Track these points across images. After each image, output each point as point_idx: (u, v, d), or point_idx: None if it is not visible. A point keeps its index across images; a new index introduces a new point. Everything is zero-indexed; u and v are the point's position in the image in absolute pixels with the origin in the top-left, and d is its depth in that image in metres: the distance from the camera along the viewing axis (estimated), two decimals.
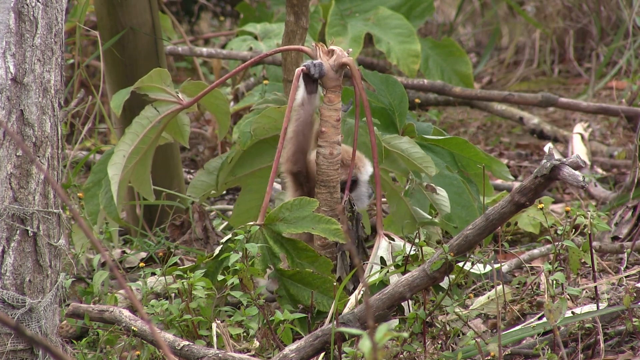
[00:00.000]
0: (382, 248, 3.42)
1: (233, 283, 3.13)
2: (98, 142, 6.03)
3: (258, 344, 3.11)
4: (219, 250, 3.32)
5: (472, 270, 3.09)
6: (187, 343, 2.90)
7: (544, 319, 3.10)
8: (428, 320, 3.05)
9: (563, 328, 3.06)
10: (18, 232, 2.68)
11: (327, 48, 3.46)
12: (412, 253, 3.22)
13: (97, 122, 6.27)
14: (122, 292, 3.61)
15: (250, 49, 5.86)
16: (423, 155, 3.68)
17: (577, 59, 7.82)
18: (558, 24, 7.83)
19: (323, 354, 2.88)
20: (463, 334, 3.16)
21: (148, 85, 3.72)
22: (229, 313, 3.30)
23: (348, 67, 3.44)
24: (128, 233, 4.63)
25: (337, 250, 3.46)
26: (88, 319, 3.15)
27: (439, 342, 3.06)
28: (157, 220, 4.63)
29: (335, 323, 2.83)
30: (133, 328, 3.02)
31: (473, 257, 3.03)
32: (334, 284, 3.22)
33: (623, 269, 3.76)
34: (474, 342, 2.85)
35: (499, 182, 5.20)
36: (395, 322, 3.14)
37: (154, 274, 3.60)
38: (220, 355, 2.84)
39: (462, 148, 3.97)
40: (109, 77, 4.55)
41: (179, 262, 3.98)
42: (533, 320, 3.19)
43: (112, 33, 4.46)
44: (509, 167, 5.83)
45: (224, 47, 6.44)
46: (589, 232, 3.16)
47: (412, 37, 5.98)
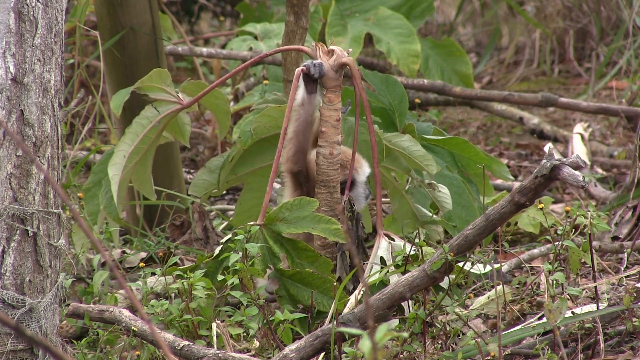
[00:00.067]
0: (382, 248, 3.42)
1: (233, 283, 3.13)
2: (98, 142, 6.02)
3: (258, 344, 3.11)
4: (219, 250, 3.32)
5: (472, 270, 3.09)
6: (187, 343, 2.90)
7: (544, 319, 3.10)
8: (428, 320, 3.05)
9: (563, 328, 3.06)
10: (18, 232, 2.68)
11: (327, 48, 3.46)
12: (412, 253, 3.22)
13: (97, 122, 6.27)
14: (122, 292, 3.61)
15: (250, 49, 5.86)
16: (424, 154, 3.68)
17: (577, 59, 7.82)
18: (558, 24, 7.83)
19: (323, 354, 2.88)
20: (463, 334, 3.15)
21: (148, 86, 3.72)
22: (229, 313, 3.30)
23: (348, 67, 3.44)
24: (128, 233, 4.63)
25: (337, 250, 3.46)
26: (88, 319, 3.15)
27: (439, 342, 3.06)
28: (157, 220, 4.63)
29: (335, 323, 2.83)
30: (133, 328, 3.02)
31: (473, 257, 3.02)
32: (334, 284, 3.22)
33: (623, 269, 3.75)
34: (474, 342, 2.85)
35: (499, 182, 5.20)
36: (395, 322, 3.14)
37: (154, 274, 3.60)
38: (220, 355, 2.84)
39: (462, 148, 3.97)
40: (109, 77, 4.54)
41: (179, 262, 3.98)
42: (533, 320, 3.19)
43: (112, 33, 4.46)
44: (509, 167, 5.83)
45: (224, 47, 6.44)
46: (589, 232, 3.16)
47: (412, 37, 5.98)
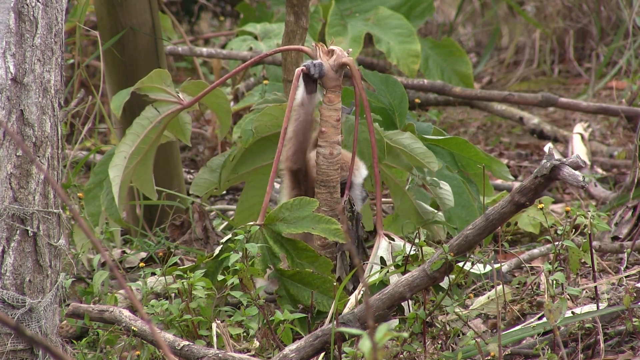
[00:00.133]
0: (382, 248, 3.42)
1: (233, 283, 3.13)
2: (98, 142, 6.02)
3: (258, 344, 3.11)
4: (219, 250, 3.32)
5: (472, 270, 3.09)
6: (187, 343, 2.90)
7: (544, 319, 3.10)
8: (428, 320, 3.05)
9: (563, 328, 3.06)
10: (18, 232, 2.68)
11: (327, 48, 3.46)
12: (412, 253, 3.22)
13: (97, 122, 6.26)
14: (122, 292, 3.61)
15: (250, 49, 5.86)
16: (425, 151, 3.68)
17: (577, 59, 7.81)
18: (558, 24, 7.83)
19: (323, 354, 2.88)
20: (463, 334, 3.15)
21: (148, 86, 3.72)
22: (229, 313, 3.30)
23: (348, 67, 3.44)
24: (128, 233, 4.63)
25: (337, 250, 3.46)
26: (88, 319, 3.15)
27: (439, 342, 3.06)
28: (157, 220, 4.63)
29: (335, 323, 2.83)
30: (133, 328, 3.02)
31: (473, 257, 3.02)
32: (334, 284, 3.22)
33: (623, 269, 3.75)
34: (474, 342, 2.85)
35: (499, 182, 5.20)
36: (395, 322, 3.14)
37: (154, 274, 3.60)
38: (220, 355, 2.84)
39: (462, 148, 3.97)
40: (109, 77, 4.54)
41: (179, 262, 3.98)
42: (533, 320, 3.19)
43: (112, 33, 4.46)
44: (509, 167, 5.83)
45: (224, 47, 6.44)
46: (589, 232, 3.16)
47: (412, 37, 5.98)
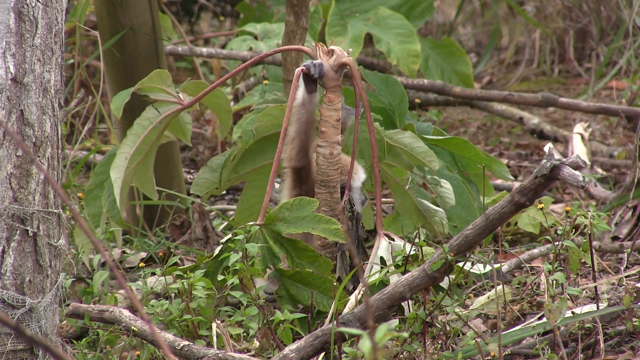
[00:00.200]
0: (382, 248, 3.42)
1: (233, 283, 3.13)
2: (98, 142, 6.02)
3: (258, 344, 3.11)
4: (219, 250, 3.32)
5: (472, 270, 3.09)
6: (187, 343, 2.90)
7: (544, 319, 3.10)
8: (428, 320, 3.05)
9: (563, 328, 3.06)
10: (18, 232, 2.68)
11: (327, 48, 3.46)
12: (412, 253, 3.22)
13: (97, 122, 6.27)
14: (122, 292, 3.61)
15: (250, 49, 5.86)
16: (426, 150, 3.67)
17: (577, 59, 7.81)
18: (558, 24, 7.83)
19: (323, 354, 2.88)
20: (463, 334, 3.15)
21: (148, 86, 3.72)
22: (229, 313, 3.30)
23: (348, 67, 3.44)
24: (128, 233, 4.63)
25: (337, 250, 3.46)
26: (88, 319, 3.15)
27: (439, 342, 3.06)
28: (157, 220, 4.63)
29: (335, 323, 2.83)
30: (133, 328, 3.02)
31: (473, 257, 3.02)
32: (334, 284, 3.22)
33: (623, 269, 3.75)
34: (474, 342, 2.85)
35: (499, 182, 5.20)
36: (395, 322, 3.14)
37: (154, 274, 3.60)
38: (220, 355, 2.84)
39: (462, 148, 3.97)
40: (109, 77, 4.54)
41: (179, 262, 3.98)
42: (533, 320, 3.19)
43: (112, 33, 4.46)
44: (509, 167, 5.83)
45: (224, 47, 6.44)
46: (589, 232, 3.16)
47: (412, 37, 5.98)
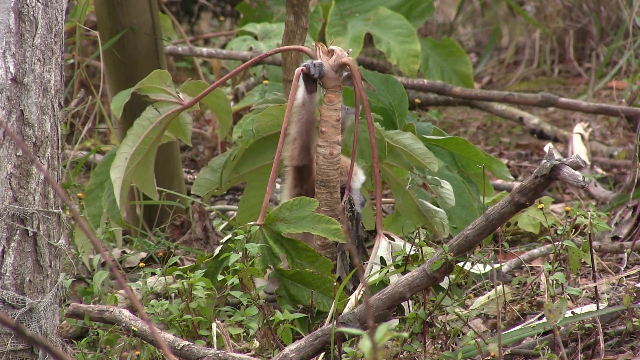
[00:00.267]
0: (382, 248, 3.42)
1: (233, 283, 3.13)
2: (98, 142, 6.02)
3: (258, 344, 3.11)
4: (219, 250, 3.32)
5: (472, 270, 3.09)
6: (187, 343, 2.90)
7: (544, 319, 3.10)
8: (428, 320, 3.05)
9: (563, 328, 3.06)
10: (18, 232, 2.68)
11: (327, 48, 3.46)
12: (412, 253, 3.22)
13: (97, 122, 6.26)
14: (122, 292, 3.61)
15: (250, 49, 5.86)
16: (426, 151, 3.68)
17: (577, 59, 7.81)
18: (558, 24, 7.83)
19: (323, 354, 2.88)
20: (463, 334, 3.15)
21: (148, 87, 3.72)
22: (229, 313, 3.30)
23: (348, 67, 3.44)
24: (128, 233, 4.63)
25: (337, 250, 3.46)
26: (88, 319, 3.15)
27: (439, 342, 3.06)
28: (157, 220, 4.63)
29: (335, 323, 2.83)
30: (133, 328, 3.02)
31: (473, 257, 3.02)
32: (334, 284, 3.22)
33: (623, 269, 3.75)
34: (474, 342, 2.85)
35: (499, 182, 5.20)
36: (395, 322, 3.14)
37: (154, 274, 3.60)
38: (220, 355, 2.84)
39: (462, 148, 3.97)
40: (109, 77, 4.54)
41: (179, 262, 3.98)
42: (533, 320, 3.19)
43: (112, 33, 4.46)
44: (509, 167, 5.83)
45: (224, 47, 6.44)
46: (589, 232, 3.16)
47: (412, 37, 5.98)
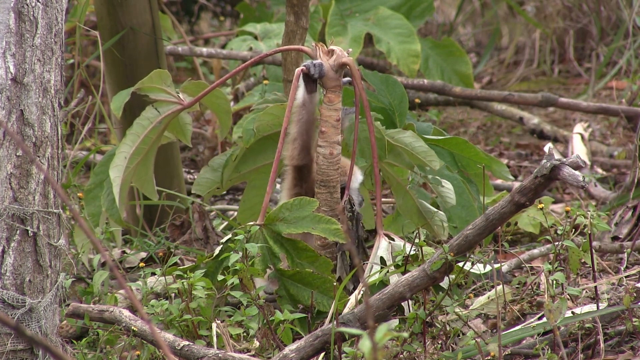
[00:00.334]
0: (382, 248, 3.42)
1: (233, 283, 3.13)
2: (98, 142, 6.02)
3: (258, 344, 3.11)
4: (219, 250, 3.32)
5: (472, 270, 3.09)
6: (187, 343, 2.90)
7: (544, 319, 3.10)
8: (428, 320, 3.05)
9: (563, 328, 3.06)
10: (18, 232, 2.68)
11: (327, 48, 3.46)
12: (412, 253, 3.22)
13: (97, 122, 6.26)
14: (122, 292, 3.61)
15: (250, 49, 5.86)
16: (427, 149, 3.67)
17: (577, 59, 7.81)
18: (558, 24, 7.83)
19: (323, 354, 2.88)
20: (463, 334, 3.15)
21: (148, 86, 3.72)
22: (229, 313, 3.30)
23: (348, 67, 3.44)
24: (128, 233, 4.63)
25: (337, 250, 3.46)
26: (88, 319, 3.15)
27: (439, 342, 3.06)
28: (157, 220, 4.63)
29: (335, 323, 2.83)
30: (133, 328, 3.02)
31: (473, 257, 3.02)
32: (334, 284, 3.22)
33: (623, 269, 3.75)
34: (474, 342, 2.85)
35: (499, 182, 5.20)
36: (395, 322, 3.14)
37: (154, 274, 3.60)
38: (220, 355, 2.84)
39: (462, 148, 3.97)
40: (109, 77, 4.54)
41: (179, 262, 3.98)
42: (533, 320, 3.19)
43: (112, 33, 4.46)
44: (509, 167, 5.83)
45: (224, 47, 6.43)
46: (589, 232, 3.16)
47: (412, 37, 5.98)
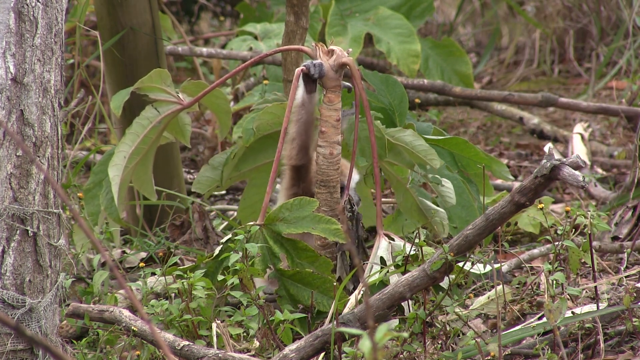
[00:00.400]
0: (382, 248, 3.42)
1: (233, 283, 3.13)
2: (98, 142, 6.02)
3: (258, 344, 3.11)
4: (219, 250, 3.32)
5: (472, 270, 3.09)
6: (187, 343, 2.90)
7: (544, 319, 3.10)
8: (428, 320, 3.05)
9: (563, 328, 3.06)
10: (18, 232, 2.68)
11: (327, 48, 3.46)
12: (412, 253, 3.22)
13: (97, 122, 6.26)
14: (122, 292, 3.61)
15: (250, 49, 5.86)
16: (427, 148, 3.67)
17: (577, 59, 7.81)
18: (558, 24, 7.83)
19: (323, 354, 2.88)
20: (463, 334, 3.15)
21: (148, 86, 3.72)
22: (229, 313, 3.30)
23: (348, 67, 3.44)
24: (128, 233, 4.63)
25: (337, 250, 3.46)
26: (88, 319, 3.15)
27: (439, 342, 3.06)
28: (157, 220, 4.63)
29: (335, 323, 2.83)
30: (133, 328, 3.02)
31: (473, 257, 3.02)
32: (334, 284, 3.22)
33: (623, 269, 3.75)
34: (474, 342, 2.85)
35: (499, 182, 5.20)
36: (395, 322, 3.14)
37: (154, 274, 3.60)
38: (220, 355, 2.84)
39: (462, 148, 3.97)
40: (109, 77, 4.54)
41: (179, 262, 3.98)
42: (533, 320, 3.19)
43: (112, 33, 4.46)
44: (509, 167, 5.83)
45: (224, 47, 6.43)
46: (589, 232, 3.16)
47: (412, 37, 5.98)
